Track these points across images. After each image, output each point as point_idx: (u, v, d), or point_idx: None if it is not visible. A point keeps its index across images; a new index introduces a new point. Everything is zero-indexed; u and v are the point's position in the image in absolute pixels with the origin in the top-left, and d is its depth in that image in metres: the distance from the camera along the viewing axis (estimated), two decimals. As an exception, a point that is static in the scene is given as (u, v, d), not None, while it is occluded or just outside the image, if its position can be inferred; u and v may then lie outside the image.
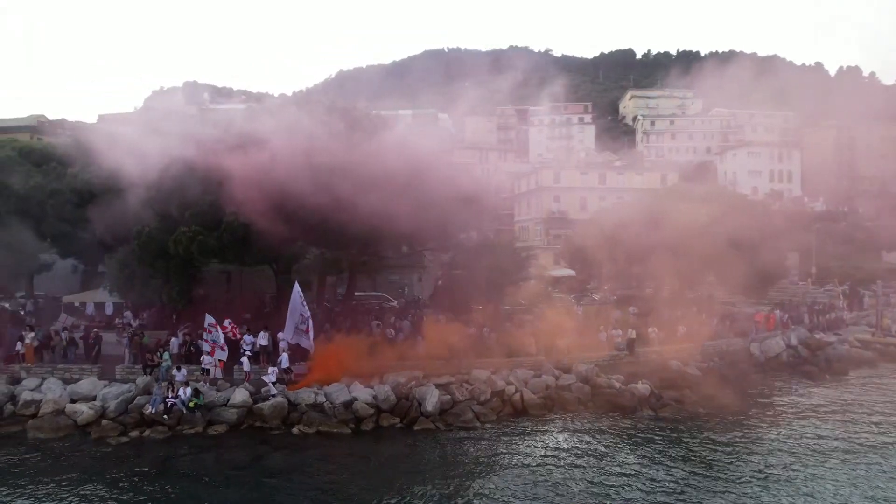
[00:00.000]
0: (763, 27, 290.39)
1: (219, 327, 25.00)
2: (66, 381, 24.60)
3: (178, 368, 23.97)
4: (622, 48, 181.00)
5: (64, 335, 27.42)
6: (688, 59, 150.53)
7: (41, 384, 24.33)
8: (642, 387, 26.26)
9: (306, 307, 25.48)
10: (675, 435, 22.37)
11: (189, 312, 28.69)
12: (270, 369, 24.09)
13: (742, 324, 37.24)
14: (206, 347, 25.07)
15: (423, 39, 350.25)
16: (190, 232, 24.65)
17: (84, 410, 22.35)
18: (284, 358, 25.19)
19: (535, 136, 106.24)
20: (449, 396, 24.63)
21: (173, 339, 26.21)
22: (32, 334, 25.96)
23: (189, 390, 22.82)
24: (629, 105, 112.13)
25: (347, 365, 25.68)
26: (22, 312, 30.26)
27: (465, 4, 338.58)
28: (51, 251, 33.14)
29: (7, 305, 31.57)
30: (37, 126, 71.28)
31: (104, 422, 22.05)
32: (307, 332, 25.30)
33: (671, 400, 25.96)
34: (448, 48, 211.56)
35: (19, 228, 29.50)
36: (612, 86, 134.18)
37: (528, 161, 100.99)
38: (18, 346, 25.70)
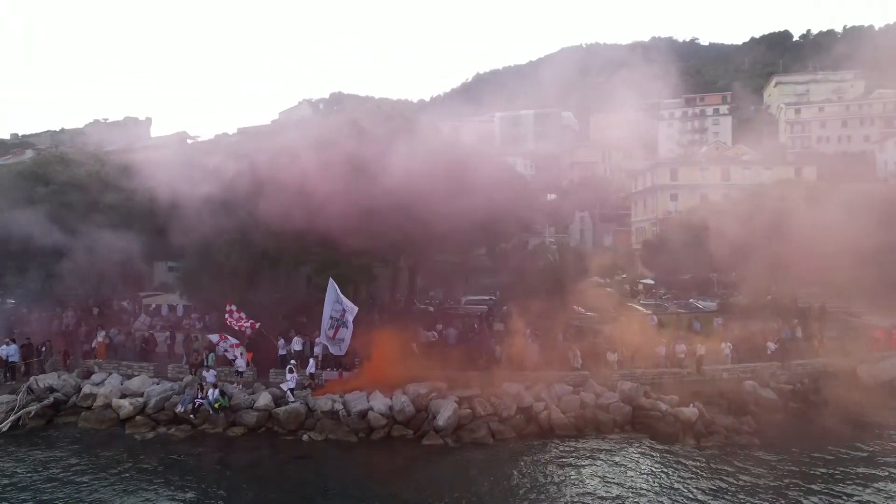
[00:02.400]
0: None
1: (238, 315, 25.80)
2: (126, 377, 26.87)
3: (208, 369, 25.17)
4: (777, 31, 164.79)
5: (138, 334, 30.08)
6: (857, 36, 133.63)
7: (105, 379, 26.76)
8: (689, 411, 23.31)
9: (343, 305, 25.17)
10: (703, 472, 19.52)
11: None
12: (289, 376, 24.51)
13: (858, 340, 31.90)
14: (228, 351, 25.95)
15: (561, 37, 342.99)
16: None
17: (125, 405, 24.22)
18: (311, 364, 25.53)
19: (664, 130, 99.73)
20: (469, 410, 23.56)
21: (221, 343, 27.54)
22: (104, 333, 28.68)
23: (216, 392, 23.87)
24: (774, 93, 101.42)
25: (379, 372, 25.55)
26: (95, 312, 33.64)
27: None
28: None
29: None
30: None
31: (138, 417, 23.75)
32: (334, 336, 25.38)
33: (722, 428, 22.77)
34: (586, 44, 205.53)
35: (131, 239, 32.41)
36: (758, 73, 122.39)
37: (655, 158, 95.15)
38: (94, 343, 28.49)
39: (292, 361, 25.66)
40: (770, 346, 28.73)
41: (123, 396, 25.16)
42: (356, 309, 24.97)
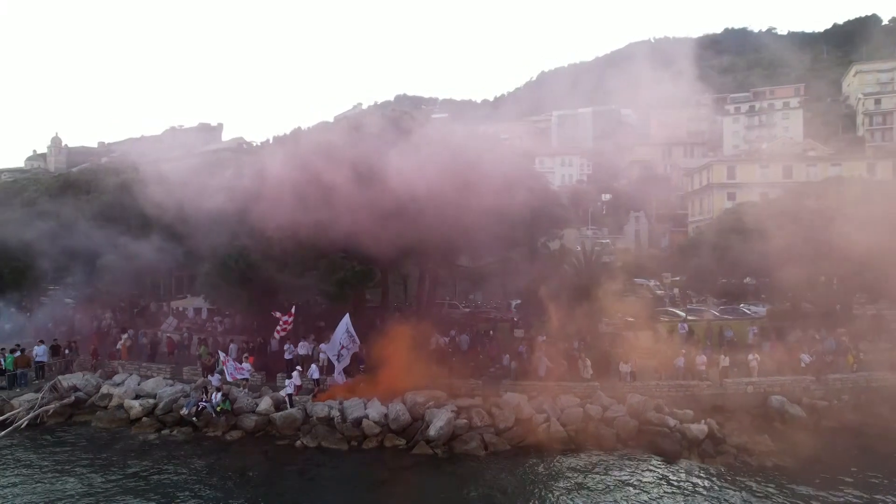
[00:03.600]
0: None
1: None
2: (144, 379, 27.80)
3: (205, 374, 25.63)
4: (862, 15, 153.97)
5: (163, 336, 31.14)
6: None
7: (125, 380, 27.78)
8: (697, 428, 21.79)
9: (350, 339, 25.44)
10: (690, 495, 18.14)
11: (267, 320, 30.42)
12: (287, 382, 24.62)
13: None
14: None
15: (629, 32, 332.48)
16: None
17: (136, 406, 25.01)
18: (314, 368, 25.58)
19: (729, 126, 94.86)
20: (466, 421, 22.93)
21: (232, 346, 28.12)
22: (126, 335, 29.82)
23: (219, 395, 24.29)
24: (853, 82, 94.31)
25: (385, 379, 25.31)
26: (135, 313, 35.12)
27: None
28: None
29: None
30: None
31: (145, 419, 24.45)
32: (338, 359, 25.43)
33: (733, 447, 21.13)
34: (654, 38, 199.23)
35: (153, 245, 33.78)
36: (838, 62, 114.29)
37: (719, 155, 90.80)
38: (118, 344, 29.69)
39: (298, 368, 25.78)
40: (804, 358, 26.56)
41: (138, 397, 26.01)
42: (356, 347, 25.07)
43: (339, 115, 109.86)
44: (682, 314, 38.59)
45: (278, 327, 26.53)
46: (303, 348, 27.18)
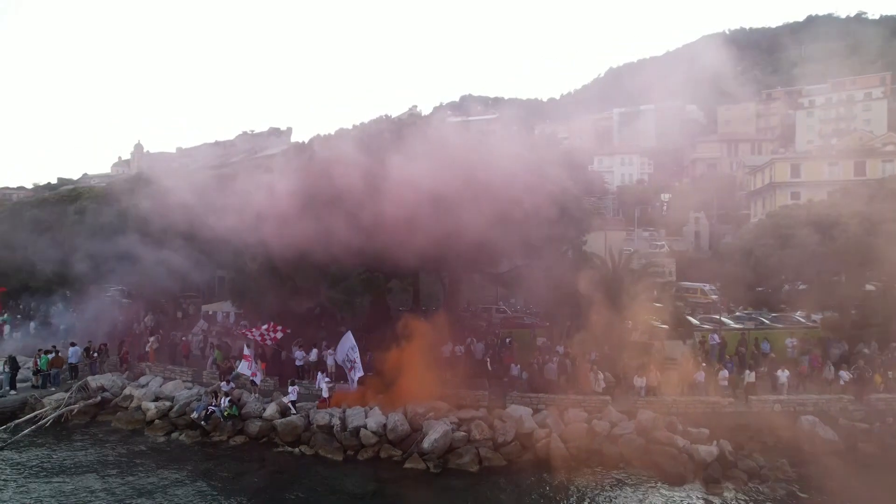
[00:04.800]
0: None
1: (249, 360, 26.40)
2: (168, 381, 28.68)
3: (222, 378, 26.09)
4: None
5: (195, 340, 32.11)
6: None
7: (149, 381, 28.77)
8: (706, 450, 20.31)
9: (355, 353, 25.47)
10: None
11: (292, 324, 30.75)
12: (291, 388, 24.72)
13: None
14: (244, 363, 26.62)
15: (703, 24, 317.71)
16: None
17: (151, 408, 25.81)
18: (320, 376, 25.61)
19: (803, 120, 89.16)
20: (465, 433, 22.33)
21: (247, 349, 28.54)
22: (153, 338, 30.90)
23: (226, 400, 24.71)
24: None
25: (393, 387, 25.06)
26: (179, 315, 36.45)
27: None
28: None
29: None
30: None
31: (156, 421, 25.19)
32: (351, 370, 25.38)
33: (744, 472, 19.57)
34: (729, 30, 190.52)
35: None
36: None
37: (791, 151, 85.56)
38: (147, 346, 30.82)
39: (327, 379, 25.80)
40: (843, 375, 24.36)
41: (157, 399, 26.86)
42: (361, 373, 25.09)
43: (395, 118, 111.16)
44: (728, 321, 36.46)
45: (269, 336, 26.83)
46: (313, 355, 27.21)
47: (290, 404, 24.25)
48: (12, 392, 27.73)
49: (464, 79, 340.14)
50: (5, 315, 41.91)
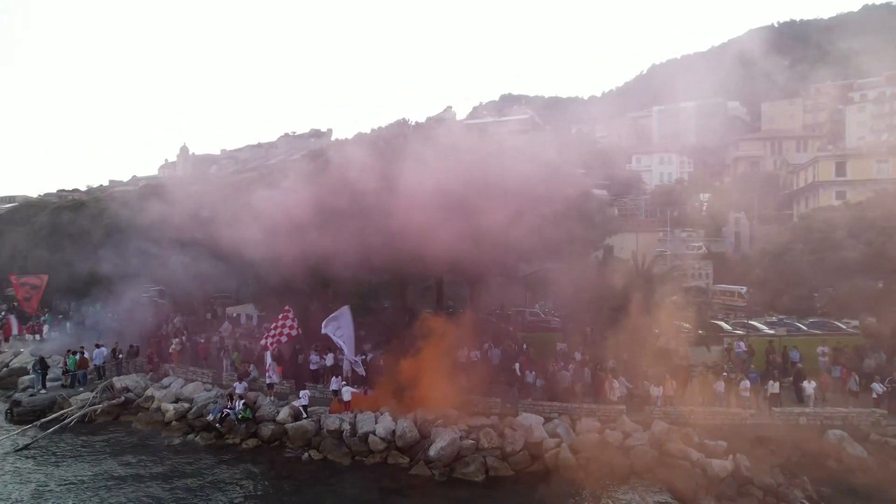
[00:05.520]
0: None
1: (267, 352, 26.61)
2: (189, 382, 29.23)
3: (240, 381, 26.40)
4: None
5: (218, 341, 32.68)
6: None
7: (172, 382, 29.37)
8: (720, 464, 19.49)
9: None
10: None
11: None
12: (302, 393, 24.85)
13: None
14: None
15: (751, 17, 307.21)
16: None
17: (170, 409, 26.32)
18: (334, 381, 25.67)
19: (853, 116, 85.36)
20: (473, 442, 22.01)
21: (267, 353, 28.83)
22: (177, 340, 31.54)
23: (241, 403, 25.00)
24: None
25: (406, 392, 24.96)
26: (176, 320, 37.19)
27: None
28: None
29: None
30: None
31: (174, 423, 25.65)
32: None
33: (760, 488, 18.69)
34: (778, 23, 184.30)
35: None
36: None
37: (841, 148, 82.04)
38: (171, 348, 31.49)
39: (336, 379, 25.93)
40: (876, 387, 23.11)
41: (177, 401, 27.39)
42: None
43: (432, 117, 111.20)
44: (762, 327, 35.16)
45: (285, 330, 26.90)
46: (329, 359, 27.32)
47: (301, 408, 24.36)
48: (42, 391, 28.71)
49: (505, 78, 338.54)
50: (47, 314, 43.56)
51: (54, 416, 26.38)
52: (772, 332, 33.85)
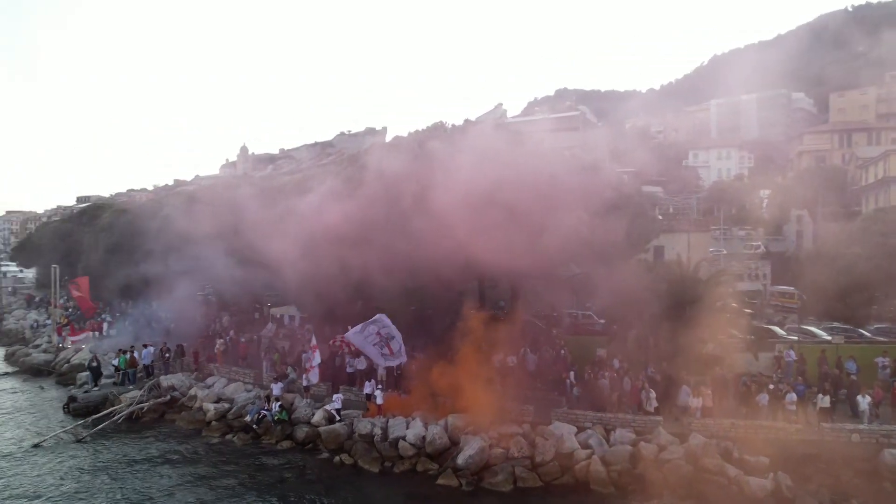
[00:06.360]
0: None
1: (317, 350, 26.96)
2: (232, 382, 29.99)
3: (277, 381, 26.85)
4: None
5: (258, 341, 33.45)
6: None
7: (215, 382, 30.19)
8: (757, 483, 18.55)
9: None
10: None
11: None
12: (335, 396, 25.07)
13: None
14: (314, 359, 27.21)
15: (820, 1, 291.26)
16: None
17: (211, 410, 27.04)
18: (367, 385, 25.81)
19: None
20: (503, 450, 21.70)
21: (304, 355, 29.30)
22: (221, 340, 32.40)
23: (277, 405, 25.46)
24: None
25: (439, 398, 24.91)
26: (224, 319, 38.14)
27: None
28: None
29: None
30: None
31: (214, 422, 26.34)
32: (391, 353, 25.59)
33: (805, 510, 17.69)
34: (852, 6, 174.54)
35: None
36: None
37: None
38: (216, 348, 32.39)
39: (370, 383, 26.14)
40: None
41: (218, 401, 28.13)
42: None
43: (481, 116, 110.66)
44: (820, 333, 33.34)
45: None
46: (360, 363, 27.49)
47: (334, 412, 24.59)
48: (95, 388, 30.02)
49: (561, 72, 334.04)
50: (107, 312, 45.62)
51: (105, 412, 27.51)
52: (828, 338, 32.12)
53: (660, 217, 45.84)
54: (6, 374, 38.05)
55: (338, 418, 24.51)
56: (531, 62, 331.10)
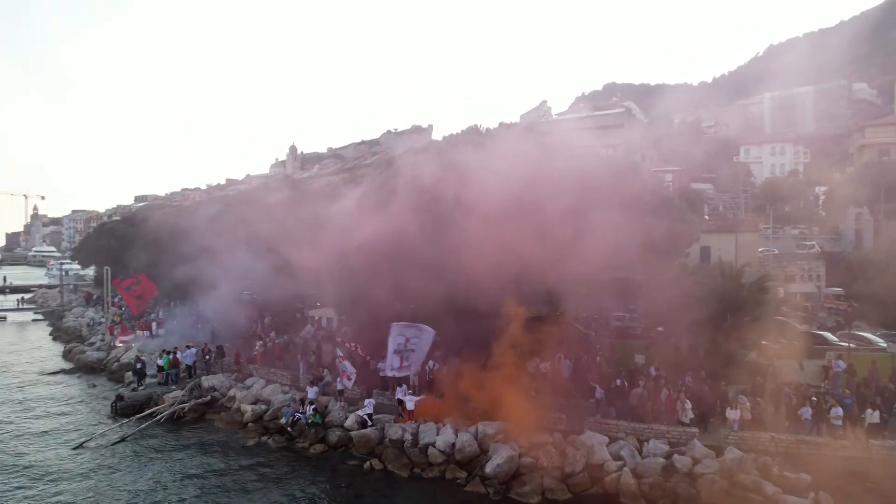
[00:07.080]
0: None
1: (346, 360, 27.21)
2: (270, 383, 30.58)
3: (312, 385, 27.19)
4: None
5: (296, 342, 34.03)
6: None
7: (254, 383, 30.84)
8: (796, 502, 17.74)
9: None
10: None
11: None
12: (367, 401, 25.21)
13: None
14: (347, 368, 27.50)
15: None
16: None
17: (248, 411, 27.63)
18: (399, 390, 25.88)
19: None
20: (532, 460, 21.43)
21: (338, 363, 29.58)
22: (261, 342, 33.06)
23: (311, 409, 25.81)
24: None
25: (471, 404, 24.81)
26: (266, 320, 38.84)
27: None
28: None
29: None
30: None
31: (250, 424, 26.89)
32: (400, 366, 25.88)
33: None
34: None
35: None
36: None
37: None
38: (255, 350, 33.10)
39: (402, 388, 26.25)
40: None
41: (255, 402, 28.72)
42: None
43: (524, 113, 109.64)
44: (877, 340, 31.76)
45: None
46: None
47: (366, 417, 24.76)
48: (140, 388, 31.07)
49: (610, 66, 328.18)
50: (156, 312, 47.19)
51: (148, 412, 28.44)
52: (884, 345, 30.61)
53: (706, 217, 44.38)
54: (63, 370, 39.72)
55: (369, 423, 24.66)
56: (581, 57, 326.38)
